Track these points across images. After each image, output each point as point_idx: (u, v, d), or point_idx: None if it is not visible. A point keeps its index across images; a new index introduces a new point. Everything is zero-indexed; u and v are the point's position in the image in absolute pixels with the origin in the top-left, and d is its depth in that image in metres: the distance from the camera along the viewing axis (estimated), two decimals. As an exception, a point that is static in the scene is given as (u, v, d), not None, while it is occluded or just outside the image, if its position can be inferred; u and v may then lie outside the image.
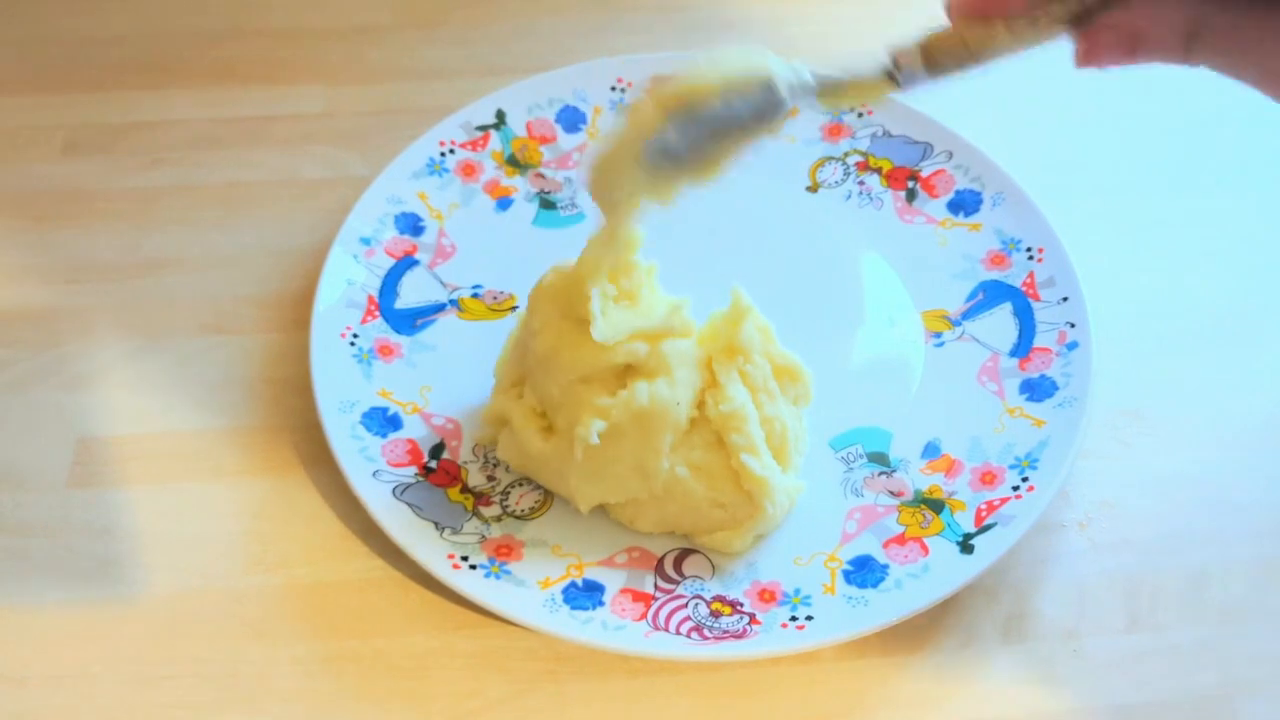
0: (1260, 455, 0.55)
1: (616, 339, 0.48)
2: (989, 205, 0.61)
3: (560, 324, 0.49)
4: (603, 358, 0.48)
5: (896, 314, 0.59)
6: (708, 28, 0.73)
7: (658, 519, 0.50)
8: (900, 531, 0.51)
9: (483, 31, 0.72)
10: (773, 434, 0.50)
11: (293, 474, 0.53)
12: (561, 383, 0.49)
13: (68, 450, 0.54)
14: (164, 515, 0.52)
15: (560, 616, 0.47)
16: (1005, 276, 0.59)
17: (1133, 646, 0.49)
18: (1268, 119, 0.68)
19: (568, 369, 0.48)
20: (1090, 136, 0.68)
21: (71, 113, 0.67)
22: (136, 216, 0.63)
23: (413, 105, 0.68)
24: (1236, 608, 0.50)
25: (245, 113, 0.67)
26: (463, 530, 0.50)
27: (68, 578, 0.50)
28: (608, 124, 0.65)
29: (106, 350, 0.57)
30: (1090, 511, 0.53)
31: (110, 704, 0.47)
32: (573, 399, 0.48)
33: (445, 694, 0.47)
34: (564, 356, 0.48)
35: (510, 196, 0.63)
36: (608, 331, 0.48)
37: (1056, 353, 0.55)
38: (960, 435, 0.54)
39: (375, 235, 0.60)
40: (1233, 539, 0.52)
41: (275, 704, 0.47)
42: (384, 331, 0.57)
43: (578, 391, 0.48)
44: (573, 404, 0.48)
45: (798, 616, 0.48)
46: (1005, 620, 0.50)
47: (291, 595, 0.50)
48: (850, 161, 0.64)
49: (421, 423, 0.54)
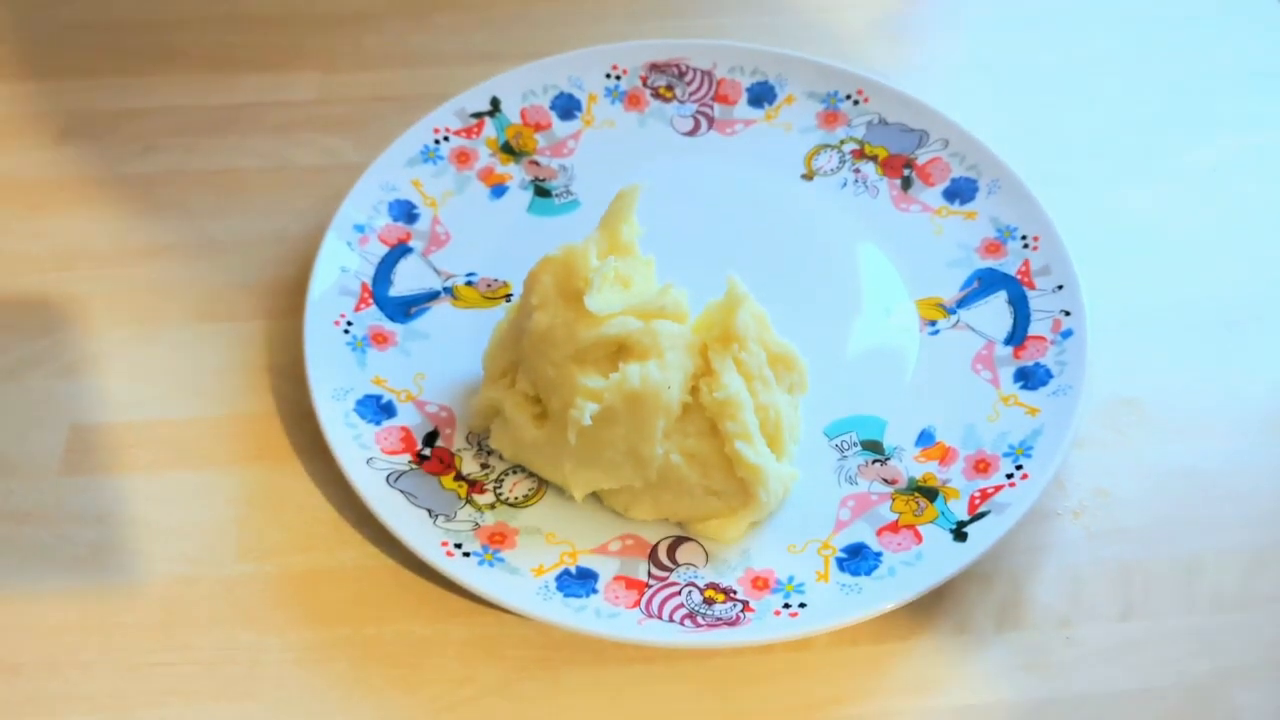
0: (1254, 444, 0.55)
1: (610, 310, 0.48)
2: (984, 193, 0.61)
3: (557, 302, 0.49)
4: (596, 332, 0.48)
5: (892, 302, 0.59)
6: (702, 14, 0.72)
7: (652, 507, 0.50)
8: (894, 519, 0.51)
9: (477, 18, 0.72)
10: (767, 422, 0.50)
11: (286, 461, 0.53)
12: (556, 359, 0.49)
13: (60, 437, 0.54)
14: (157, 502, 0.52)
15: (554, 604, 0.47)
16: (1000, 264, 0.59)
17: (1126, 634, 0.49)
18: (1264, 110, 0.68)
19: (563, 344, 0.48)
20: (1086, 124, 0.67)
21: (66, 99, 0.67)
22: (130, 203, 0.63)
23: (407, 92, 0.67)
24: (1230, 596, 0.50)
25: (239, 99, 0.67)
26: (456, 518, 0.50)
27: (61, 565, 0.50)
28: (602, 111, 0.65)
29: (100, 337, 0.57)
30: (1084, 500, 0.53)
31: (104, 691, 0.47)
32: (566, 380, 0.48)
33: (439, 681, 0.47)
34: (559, 333, 0.49)
35: (505, 184, 0.63)
36: (602, 302, 0.48)
37: (1051, 341, 0.55)
38: (954, 423, 0.54)
39: (369, 222, 0.59)
40: (1226, 528, 0.52)
41: (269, 691, 0.47)
42: (378, 319, 0.57)
43: (571, 373, 0.48)
44: (566, 386, 0.48)
45: (791, 604, 0.48)
46: (999, 608, 0.50)
47: (285, 583, 0.50)
48: (846, 149, 0.64)
49: (415, 410, 0.54)
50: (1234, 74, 0.70)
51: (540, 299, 0.50)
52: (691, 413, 0.49)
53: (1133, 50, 0.72)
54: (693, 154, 0.65)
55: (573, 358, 0.49)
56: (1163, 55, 0.71)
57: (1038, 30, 0.73)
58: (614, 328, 0.48)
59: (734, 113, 0.66)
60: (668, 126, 0.65)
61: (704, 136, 0.65)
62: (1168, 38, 0.72)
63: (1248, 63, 0.71)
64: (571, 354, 0.49)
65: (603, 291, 0.49)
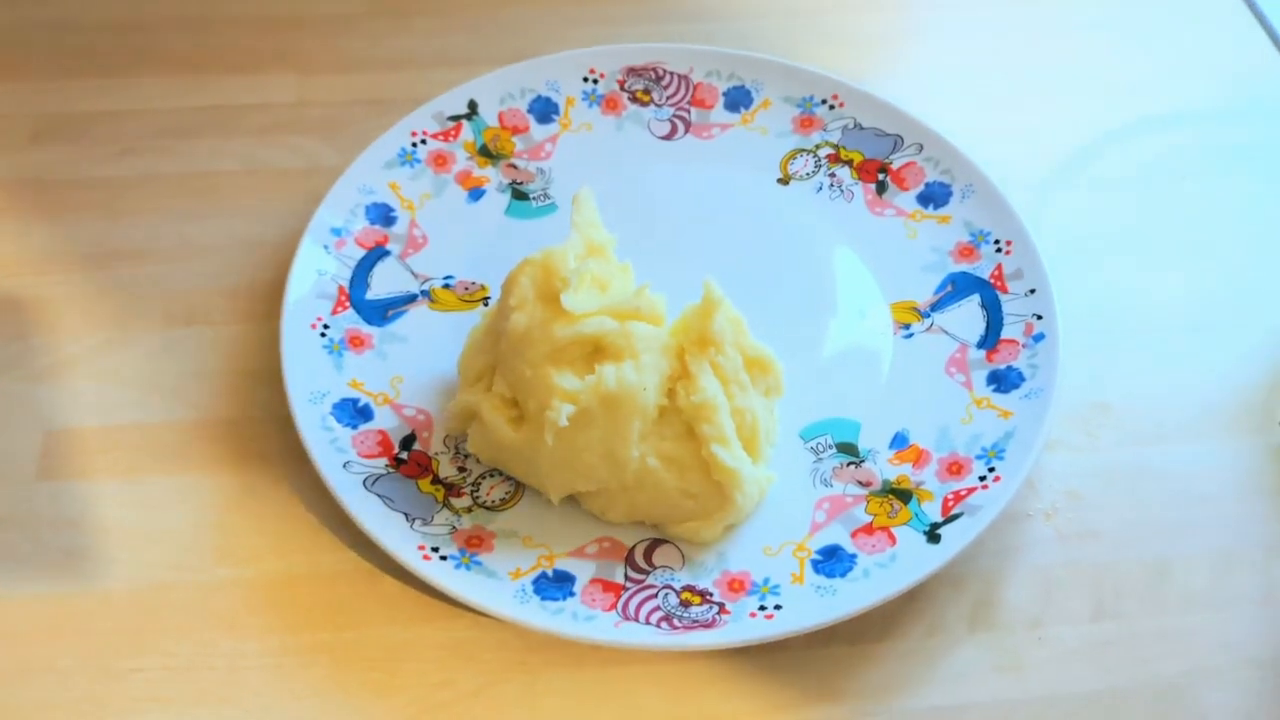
0: (1222, 446, 0.56)
1: (586, 309, 0.49)
2: (958, 198, 0.62)
3: (535, 304, 0.50)
4: (573, 330, 0.49)
5: (866, 306, 0.59)
6: (680, 18, 0.73)
7: (628, 509, 0.50)
8: (868, 521, 0.51)
9: (455, 21, 0.72)
10: (743, 425, 0.50)
11: (263, 466, 0.53)
12: (533, 359, 0.49)
13: (35, 442, 0.54)
14: (133, 508, 0.52)
15: (531, 607, 0.48)
16: (974, 269, 0.60)
17: (1097, 635, 0.50)
18: (1238, 115, 0.69)
19: (540, 344, 0.49)
20: (1060, 129, 0.68)
21: (39, 101, 0.67)
22: (105, 206, 0.62)
23: (385, 95, 0.67)
24: (1199, 597, 0.51)
25: (215, 102, 0.67)
26: (433, 521, 0.50)
27: (36, 571, 0.50)
28: (580, 114, 0.65)
29: (75, 342, 0.57)
30: (1056, 501, 0.54)
31: (80, 698, 0.47)
32: (543, 382, 0.49)
33: (417, 685, 0.48)
34: (536, 334, 0.49)
35: (482, 187, 0.63)
36: (579, 302, 0.49)
37: (1023, 344, 0.56)
38: (928, 426, 0.54)
39: (346, 226, 0.59)
40: (1195, 529, 0.53)
41: (247, 696, 0.47)
42: (355, 322, 0.57)
43: (548, 374, 0.49)
44: (543, 387, 0.49)
45: (766, 606, 0.48)
46: (971, 609, 0.50)
47: (262, 587, 0.50)
48: (821, 154, 0.65)
49: (392, 414, 0.54)
50: (1209, 77, 0.71)
51: (518, 300, 0.50)
52: (668, 416, 0.50)
53: (1107, 55, 0.72)
54: (670, 157, 0.65)
55: (549, 358, 0.49)
56: (1137, 59, 0.72)
57: (1011, 37, 0.73)
58: (590, 327, 0.49)
59: (711, 117, 0.66)
60: (645, 130, 0.66)
61: (681, 140, 0.66)
62: (1143, 42, 0.73)
63: (1223, 64, 0.71)
64: (548, 353, 0.49)
65: (580, 292, 0.49)
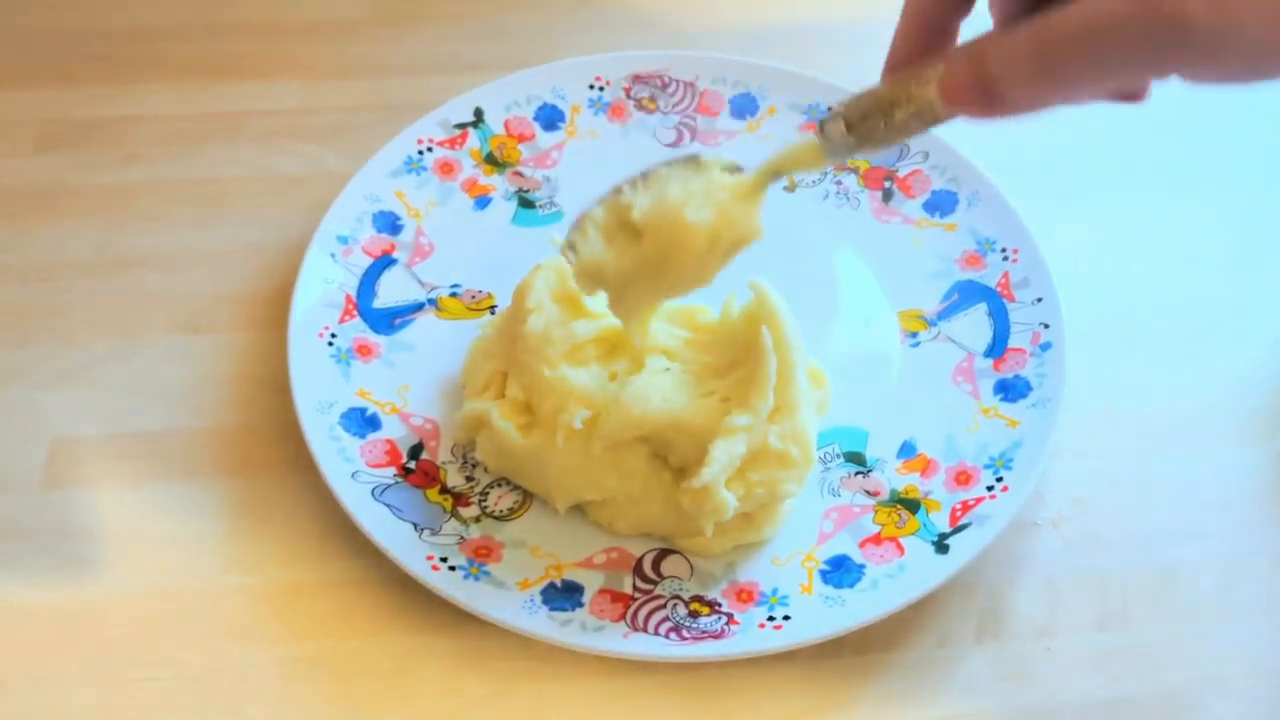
0: (1229, 454, 0.56)
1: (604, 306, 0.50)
2: (964, 205, 0.62)
3: (551, 305, 0.50)
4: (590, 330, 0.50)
5: (873, 314, 0.59)
6: (685, 26, 0.73)
7: (636, 521, 0.50)
8: (876, 531, 0.51)
9: (461, 28, 0.72)
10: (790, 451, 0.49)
11: (270, 474, 0.53)
12: (551, 359, 0.49)
13: (42, 450, 0.53)
14: (140, 516, 0.52)
15: (539, 617, 0.48)
16: (980, 277, 0.60)
17: (1104, 644, 0.50)
18: (1240, 121, 0.69)
19: (560, 343, 0.49)
20: (1065, 138, 0.68)
21: (44, 108, 0.66)
22: (110, 213, 0.62)
23: (391, 102, 0.67)
24: (1206, 605, 0.51)
25: (221, 108, 0.67)
26: (441, 531, 0.50)
27: (43, 579, 0.50)
28: (586, 122, 0.65)
29: (81, 349, 0.57)
30: (1063, 510, 0.54)
31: (89, 706, 0.47)
32: (559, 385, 0.49)
33: (424, 694, 0.48)
34: (556, 332, 0.50)
35: (488, 195, 0.63)
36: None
37: (1030, 353, 0.56)
38: (936, 435, 0.54)
39: (353, 234, 0.59)
40: (1203, 538, 0.53)
41: (254, 705, 0.47)
42: (362, 331, 0.57)
43: (564, 378, 0.49)
44: (559, 391, 0.49)
45: (775, 616, 0.48)
46: (979, 619, 0.50)
47: (270, 596, 0.50)
48: (827, 161, 0.65)
49: (400, 423, 0.54)
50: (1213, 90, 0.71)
51: (536, 302, 0.50)
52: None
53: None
54: (675, 165, 0.65)
55: (567, 355, 0.49)
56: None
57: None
58: (608, 321, 0.50)
59: (716, 124, 0.66)
60: (651, 138, 0.66)
61: (687, 148, 0.66)
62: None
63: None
64: (567, 351, 0.49)
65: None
